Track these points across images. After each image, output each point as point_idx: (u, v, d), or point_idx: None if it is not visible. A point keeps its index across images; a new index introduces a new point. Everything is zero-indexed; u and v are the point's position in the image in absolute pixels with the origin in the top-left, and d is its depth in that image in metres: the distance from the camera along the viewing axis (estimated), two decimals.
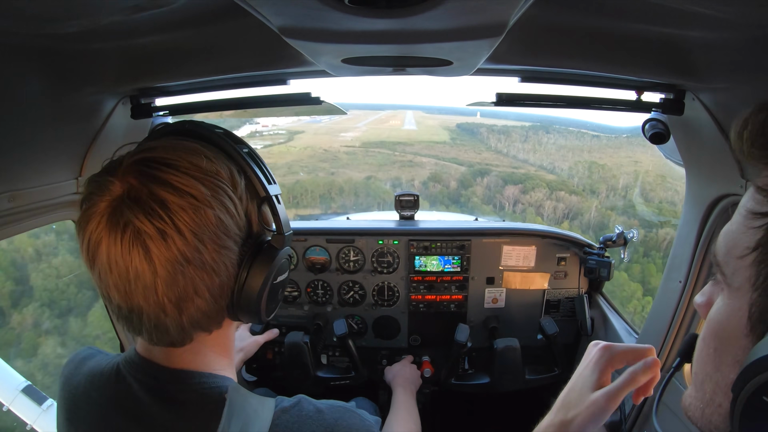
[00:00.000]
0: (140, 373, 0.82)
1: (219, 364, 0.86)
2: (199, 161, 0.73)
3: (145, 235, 0.67)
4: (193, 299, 0.73)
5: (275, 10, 0.79)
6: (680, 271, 1.66)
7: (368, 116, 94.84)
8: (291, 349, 2.21)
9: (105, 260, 0.69)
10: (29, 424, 2.20)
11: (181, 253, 0.68)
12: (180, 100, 1.63)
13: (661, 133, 1.51)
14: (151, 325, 0.73)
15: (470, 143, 61.00)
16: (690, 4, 0.84)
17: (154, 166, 0.70)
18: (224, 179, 0.75)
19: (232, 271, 0.77)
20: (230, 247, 0.75)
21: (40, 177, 1.29)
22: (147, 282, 0.69)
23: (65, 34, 0.97)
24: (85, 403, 0.85)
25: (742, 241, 0.54)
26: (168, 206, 0.67)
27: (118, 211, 0.67)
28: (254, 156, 0.84)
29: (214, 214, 0.71)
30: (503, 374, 2.26)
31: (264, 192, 0.83)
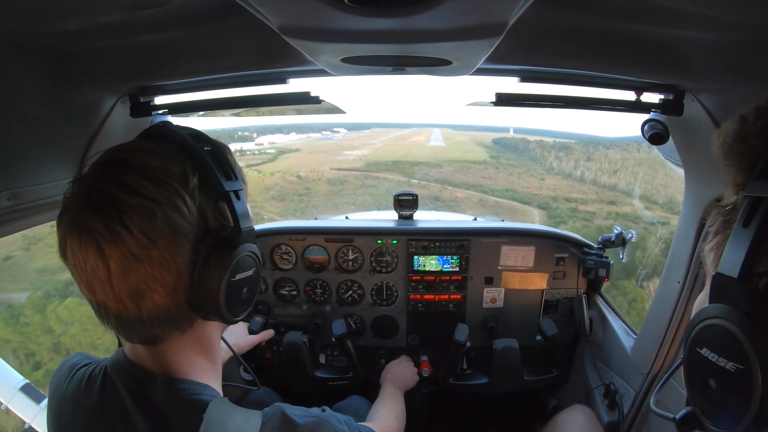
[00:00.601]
0: (127, 377, 0.84)
1: (201, 369, 0.87)
2: (152, 160, 0.76)
3: (97, 234, 0.70)
4: (146, 294, 0.75)
5: (275, 8, 0.79)
6: (679, 272, 1.66)
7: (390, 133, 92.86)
8: (289, 349, 2.21)
9: (70, 258, 0.73)
10: (27, 422, 2.20)
11: (130, 250, 0.71)
12: (179, 98, 1.62)
13: (660, 134, 1.51)
14: (117, 320, 0.76)
15: (520, 163, 53.41)
16: (690, 5, 0.84)
17: (109, 166, 0.75)
18: (174, 176, 0.76)
19: (185, 268, 0.77)
20: (182, 243, 0.76)
21: (40, 175, 1.29)
22: (102, 278, 0.72)
23: (64, 32, 0.97)
24: (74, 409, 0.87)
25: (709, 231, 0.66)
26: (118, 205, 0.70)
27: (79, 213, 0.71)
28: (216, 154, 0.85)
29: (161, 211, 0.73)
30: (502, 375, 2.26)
31: (220, 188, 0.82)
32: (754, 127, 0.62)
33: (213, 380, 0.89)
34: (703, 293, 0.67)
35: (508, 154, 59.06)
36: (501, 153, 60.30)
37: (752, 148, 0.62)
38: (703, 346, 0.57)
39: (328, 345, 2.51)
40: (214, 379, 0.90)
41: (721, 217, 0.64)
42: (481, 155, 58.12)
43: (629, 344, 2.03)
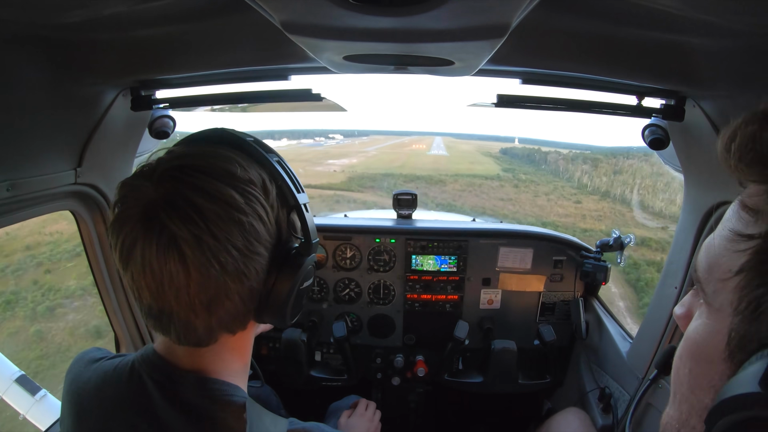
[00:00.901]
0: (156, 372, 0.83)
1: (234, 370, 0.88)
2: (233, 169, 0.75)
3: (181, 239, 0.68)
4: (223, 302, 0.75)
5: (278, 4, 0.79)
6: (676, 277, 1.67)
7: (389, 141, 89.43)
8: (287, 346, 2.22)
9: (139, 262, 0.70)
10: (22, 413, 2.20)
11: (215, 257, 0.70)
12: (180, 93, 1.62)
13: (660, 139, 1.51)
14: (181, 325, 0.75)
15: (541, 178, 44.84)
16: (693, 11, 0.84)
17: (188, 173, 0.72)
18: (257, 187, 0.77)
19: (261, 276, 0.79)
20: (261, 253, 0.77)
21: (40, 167, 1.29)
22: (180, 284, 0.70)
23: (66, 24, 0.97)
24: (96, 400, 0.86)
25: (726, 263, 0.50)
26: (203, 213, 0.69)
27: (154, 216, 0.69)
28: (284, 165, 0.86)
29: (247, 221, 0.73)
30: (497, 376, 2.27)
31: (294, 200, 0.85)
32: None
33: (242, 381, 0.90)
34: (704, 324, 0.54)
35: (524, 166, 52.77)
36: (515, 165, 53.83)
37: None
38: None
39: (324, 343, 2.51)
40: (242, 381, 0.90)
41: (750, 255, 0.47)
42: (492, 168, 51.99)
43: (625, 348, 2.04)
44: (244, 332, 0.87)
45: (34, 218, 1.39)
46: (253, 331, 0.94)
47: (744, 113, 0.50)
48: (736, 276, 0.48)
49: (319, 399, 2.15)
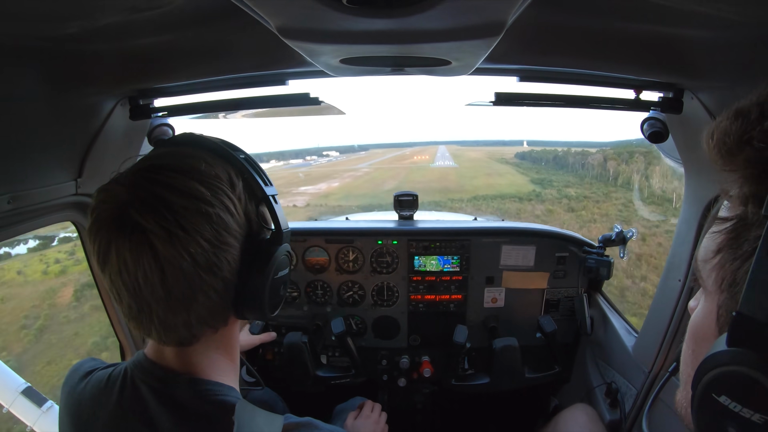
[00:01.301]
0: (149, 377, 0.84)
1: (224, 370, 0.90)
2: (199, 165, 0.78)
3: (152, 234, 0.70)
4: (198, 297, 0.77)
5: (273, 10, 0.79)
6: (680, 270, 1.66)
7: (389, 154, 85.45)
8: (290, 349, 2.21)
9: (115, 262, 0.72)
10: (29, 425, 2.19)
11: (186, 250, 0.72)
12: (179, 101, 1.63)
13: (659, 132, 1.51)
14: (160, 323, 0.77)
15: (591, 188, 32.87)
16: (689, 3, 0.84)
17: (157, 171, 0.75)
18: (223, 181, 0.80)
19: (234, 268, 0.81)
20: (231, 243, 0.79)
21: (40, 178, 1.29)
22: (155, 280, 0.72)
23: (64, 35, 0.97)
24: (94, 409, 0.87)
25: (709, 246, 0.57)
26: (172, 207, 0.71)
27: (126, 215, 0.70)
28: (250, 161, 0.89)
29: (214, 213, 0.75)
30: (503, 374, 2.26)
31: (261, 192, 0.88)
32: (761, 127, 0.53)
33: (233, 381, 0.91)
34: (701, 307, 0.61)
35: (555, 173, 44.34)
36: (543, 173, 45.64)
37: (760, 153, 0.52)
38: (722, 394, 0.49)
39: (330, 346, 2.51)
40: (234, 380, 0.92)
41: (725, 234, 0.55)
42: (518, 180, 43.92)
43: (630, 343, 2.03)
44: (227, 329, 0.89)
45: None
46: (237, 328, 0.95)
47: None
48: (717, 256, 0.56)
49: (325, 401, 2.15)
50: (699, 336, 0.60)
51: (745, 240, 0.52)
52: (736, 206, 0.55)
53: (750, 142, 0.53)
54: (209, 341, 0.86)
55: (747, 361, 0.47)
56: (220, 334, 0.88)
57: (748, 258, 0.51)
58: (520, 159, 64.14)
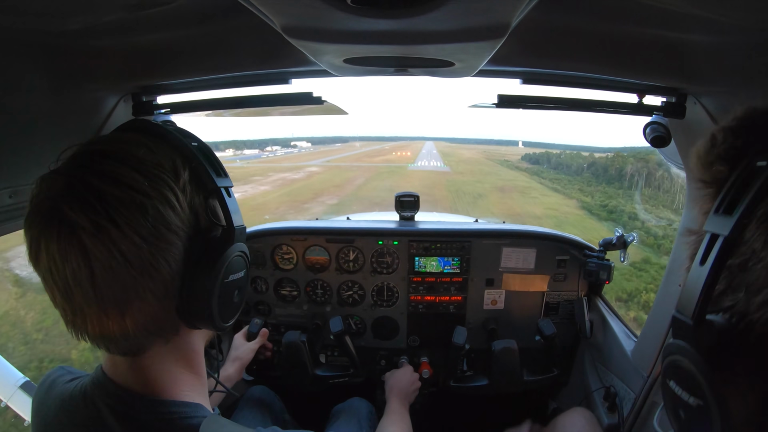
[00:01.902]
0: (109, 398, 0.77)
1: (187, 384, 0.82)
2: (137, 151, 0.71)
3: (80, 229, 0.63)
4: (133, 301, 0.69)
5: (278, 9, 0.79)
6: (680, 275, 1.66)
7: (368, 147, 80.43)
8: (288, 348, 2.21)
9: (45, 260, 0.66)
10: (27, 420, 2.19)
11: (118, 247, 0.65)
12: (182, 98, 1.63)
13: (662, 137, 1.51)
14: (95, 331, 0.70)
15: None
16: (692, 8, 0.84)
17: (93, 158, 0.68)
18: (165, 169, 0.72)
19: (175, 269, 0.72)
20: (173, 241, 0.71)
21: (41, 173, 1.29)
22: (84, 281, 0.65)
23: (67, 31, 0.98)
24: (59, 427, 0.82)
25: (682, 254, 0.62)
26: (104, 198, 0.64)
27: (55, 207, 0.64)
28: (203, 149, 0.81)
29: (151, 205, 0.68)
30: (501, 376, 2.26)
31: (212, 184, 0.78)
32: (719, 150, 0.60)
33: (200, 396, 0.84)
34: None
35: (606, 187, 33.35)
36: (591, 185, 34.27)
37: (716, 174, 0.59)
38: (671, 379, 0.58)
39: (329, 345, 2.51)
40: (200, 395, 0.84)
41: (689, 247, 0.63)
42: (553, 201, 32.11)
43: (630, 347, 2.03)
44: (179, 339, 0.80)
45: None
46: (195, 338, 0.85)
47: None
48: (688, 262, 0.62)
49: (323, 401, 2.15)
50: None
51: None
52: (701, 222, 0.60)
53: (711, 164, 0.60)
54: (163, 353, 0.78)
55: (682, 352, 0.56)
56: (174, 345, 0.79)
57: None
58: (531, 163, 55.82)
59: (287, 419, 2.00)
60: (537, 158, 59.64)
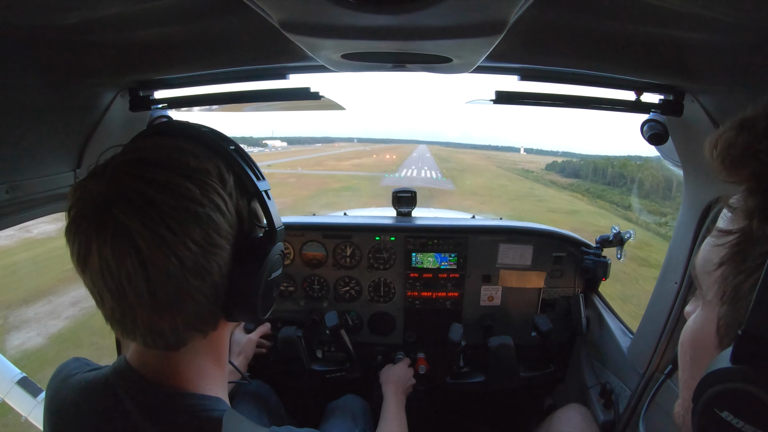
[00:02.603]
0: (131, 388, 0.79)
1: (212, 378, 0.84)
2: (186, 160, 0.72)
3: (136, 234, 0.65)
4: (186, 301, 0.72)
5: (276, 4, 0.79)
6: (676, 273, 1.67)
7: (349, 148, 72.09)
8: (285, 344, 2.22)
9: (96, 263, 0.66)
10: (24, 415, 2.20)
11: (173, 253, 0.67)
12: (179, 92, 1.62)
13: (659, 134, 1.51)
14: (145, 327, 0.72)
15: None
16: (691, 5, 0.84)
17: (140, 166, 0.69)
18: (213, 176, 0.74)
19: (224, 270, 0.76)
20: (222, 245, 0.74)
21: (38, 168, 1.29)
22: (139, 284, 0.67)
23: (64, 25, 0.97)
24: (74, 416, 0.83)
25: (711, 257, 0.56)
26: (158, 205, 0.66)
27: (108, 213, 0.65)
28: (241, 153, 0.83)
29: (204, 213, 0.70)
30: (498, 372, 2.27)
31: (253, 188, 0.81)
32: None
33: (221, 389, 0.86)
34: (699, 314, 0.60)
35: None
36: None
37: (766, 166, 0.51)
38: (724, 410, 0.49)
39: (325, 341, 2.52)
40: (221, 389, 0.87)
41: (728, 248, 0.54)
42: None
43: (626, 344, 2.04)
44: (216, 333, 0.83)
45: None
46: (227, 332, 0.90)
47: (743, 107, 0.55)
48: (719, 268, 0.55)
49: (320, 397, 2.16)
50: (697, 345, 0.60)
51: (749, 255, 0.51)
52: (740, 219, 0.54)
53: (756, 156, 0.52)
54: (197, 347, 0.81)
55: (751, 379, 0.47)
56: (209, 339, 0.83)
57: (753, 273, 0.51)
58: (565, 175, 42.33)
59: (283, 414, 2.00)
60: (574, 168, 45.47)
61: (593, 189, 32.53)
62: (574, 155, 54.36)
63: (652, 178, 28.16)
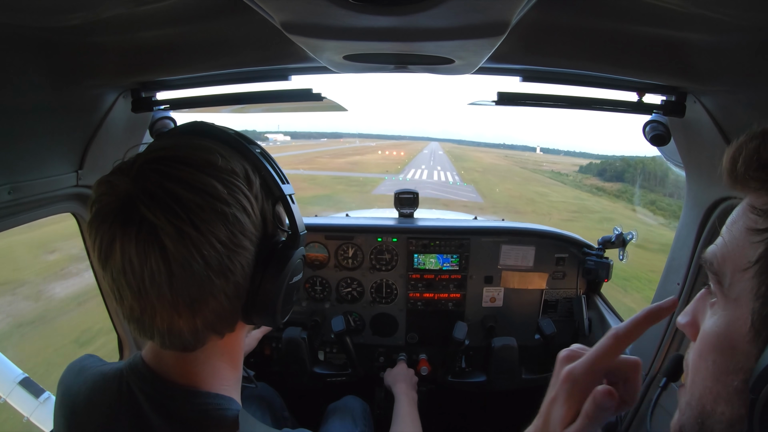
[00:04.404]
0: (146, 385, 0.79)
1: (226, 379, 0.84)
2: (214, 159, 0.72)
3: (162, 231, 0.64)
4: (208, 301, 0.71)
5: (278, 5, 0.79)
6: (678, 274, 1.66)
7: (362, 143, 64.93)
8: (288, 345, 2.22)
9: (119, 259, 0.66)
10: (26, 416, 2.20)
11: (198, 251, 0.66)
12: (181, 94, 1.63)
13: (661, 135, 1.51)
14: (164, 327, 0.71)
15: None
16: (693, 6, 0.84)
17: (168, 164, 0.69)
18: (240, 177, 0.74)
19: (247, 272, 0.76)
20: (246, 246, 0.74)
21: (41, 169, 1.29)
22: (162, 282, 0.66)
23: (67, 26, 0.97)
24: (87, 411, 0.83)
25: (744, 256, 0.56)
26: (184, 204, 0.66)
27: (133, 208, 0.65)
28: (267, 156, 0.84)
29: (230, 213, 0.70)
30: (500, 373, 2.26)
31: (279, 191, 0.82)
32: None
33: (235, 391, 0.86)
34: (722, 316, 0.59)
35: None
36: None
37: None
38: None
39: (327, 342, 2.52)
40: (235, 389, 0.87)
41: (765, 245, 0.55)
42: None
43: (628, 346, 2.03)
44: (233, 335, 0.83)
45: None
46: (243, 334, 0.90)
47: (745, 108, 0.55)
48: (755, 265, 0.55)
49: (321, 399, 2.16)
50: (724, 345, 0.59)
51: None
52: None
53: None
54: (214, 348, 0.81)
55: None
56: (225, 341, 0.82)
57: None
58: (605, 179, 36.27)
59: (287, 416, 2.01)
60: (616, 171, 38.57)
61: (659, 201, 23.94)
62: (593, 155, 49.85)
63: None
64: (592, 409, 0.61)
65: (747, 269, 0.56)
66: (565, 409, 0.67)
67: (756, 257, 0.55)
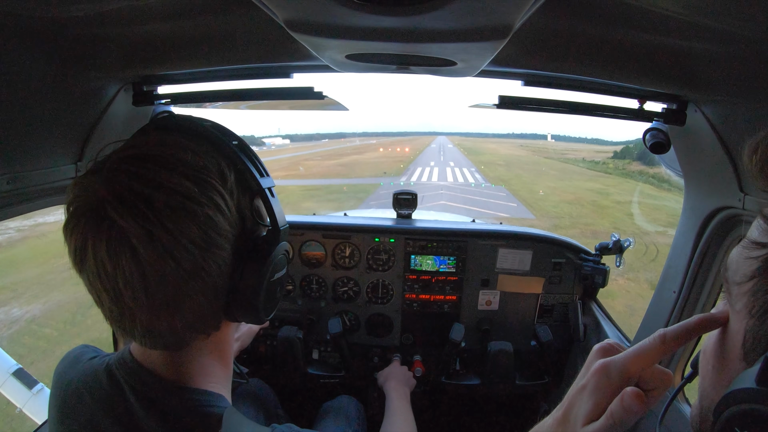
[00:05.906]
0: (133, 379, 0.78)
1: (215, 376, 0.83)
2: (185, 156, 0.70)
3: (132, 235, 0.63)
4: (184, 302, 0.70)
5: (282, 3, 0.79)
6: (675, 282, 1.67)
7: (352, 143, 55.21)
8: (284, 344, 2.22)
9: (92, 264, 0.65)
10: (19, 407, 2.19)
11: (170, 254, 0.65)
12: (182, 88, 1.63)
13: (661, 143, 1.51)
14: (144, 329, 0.71)
15: None
16: (696, 16, 0.84)
17: (137, 164, 0.67)
18: (212, 173, 0.72)
19: (225, 271, 0.74)
20: (221, 245, 0.72)
21: (40, 160, 1.29)
22: (135, 285, 0.65)
23: (70, 18, 0.97)
24: (77, 402, 0.82)
25: (742, 269, 0.55)
26: (154, 205, 0.64)
27: (103, 213, 0.63)
28: (244, 148, 0.81)
29: (203, 212, 0.68)
30: (494, 377, 2.27)
31: (256, 185, 0.79)
32: None
33: (224, 387, 0.85)
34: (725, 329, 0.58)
35: None
36: None
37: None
38: (745, 429, 0.48)
39: (322, 341, 2.52)
40: (225, 387, 0.86)
41: (761, 262, 0.52)
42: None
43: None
44: (219, 333, 0.82)
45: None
46: (231, 332, 0.88)
47: (746, 118, 0.54)
48: (750, 281, 0.53)
49: (314, 398, 2.16)
50: (722, 354, 0.58)
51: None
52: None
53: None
54: (201, 346, 0.80)
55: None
56: (213, 339, 0.82)
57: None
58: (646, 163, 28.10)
59: (281, 414, 2.00)
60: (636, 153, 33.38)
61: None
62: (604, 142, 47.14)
63: None
64: (618, 410, 0.59)
65: (744, 284, 0.54)
66: (591, 404, 0.64)
67: (750, 273, 0.53)
